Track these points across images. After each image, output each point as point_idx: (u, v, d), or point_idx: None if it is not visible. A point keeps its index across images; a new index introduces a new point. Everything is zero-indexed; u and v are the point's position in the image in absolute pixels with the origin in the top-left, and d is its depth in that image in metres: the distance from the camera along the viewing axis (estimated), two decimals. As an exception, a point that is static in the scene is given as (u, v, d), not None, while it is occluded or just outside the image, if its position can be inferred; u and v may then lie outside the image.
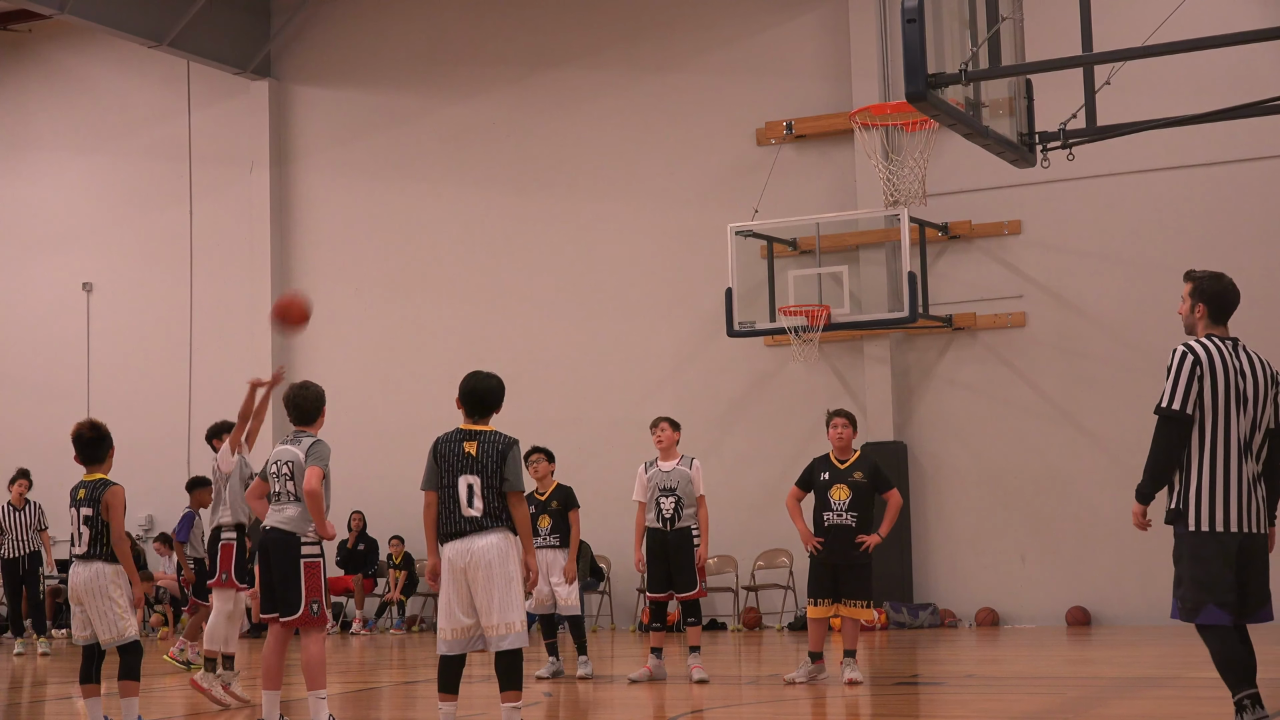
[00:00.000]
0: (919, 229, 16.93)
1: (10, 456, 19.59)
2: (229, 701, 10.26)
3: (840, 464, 11.05)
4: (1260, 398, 6.74)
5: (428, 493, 7.86)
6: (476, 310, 20.14)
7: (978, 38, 9.45)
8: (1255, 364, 6.80)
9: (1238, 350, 6.82)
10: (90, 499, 8.51)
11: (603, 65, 19.69)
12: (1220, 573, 6.61)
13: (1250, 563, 6.67)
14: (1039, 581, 16.97)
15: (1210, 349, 6.73)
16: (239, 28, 21.17)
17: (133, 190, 22.50)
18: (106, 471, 8.66)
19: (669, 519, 11.53)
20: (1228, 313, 6.93)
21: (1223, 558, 6.62)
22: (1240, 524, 6.63)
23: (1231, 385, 6.68)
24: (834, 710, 9.96)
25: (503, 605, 7.66)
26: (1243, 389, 6.70)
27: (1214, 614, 6.64)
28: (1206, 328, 6.90)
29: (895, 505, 11.05)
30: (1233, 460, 6.64)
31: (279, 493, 8.37)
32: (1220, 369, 6.69)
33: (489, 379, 8.02)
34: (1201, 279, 6.95)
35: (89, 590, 8.43)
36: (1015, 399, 17.33)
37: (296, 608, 8.27)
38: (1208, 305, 6.92)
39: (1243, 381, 6.72)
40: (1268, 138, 15.94)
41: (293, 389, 8.61)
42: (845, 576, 10.86)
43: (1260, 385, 6.76)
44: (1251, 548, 6.68)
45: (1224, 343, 6.80)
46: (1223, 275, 6.98)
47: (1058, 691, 10.60)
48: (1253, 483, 6.69)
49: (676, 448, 11.75)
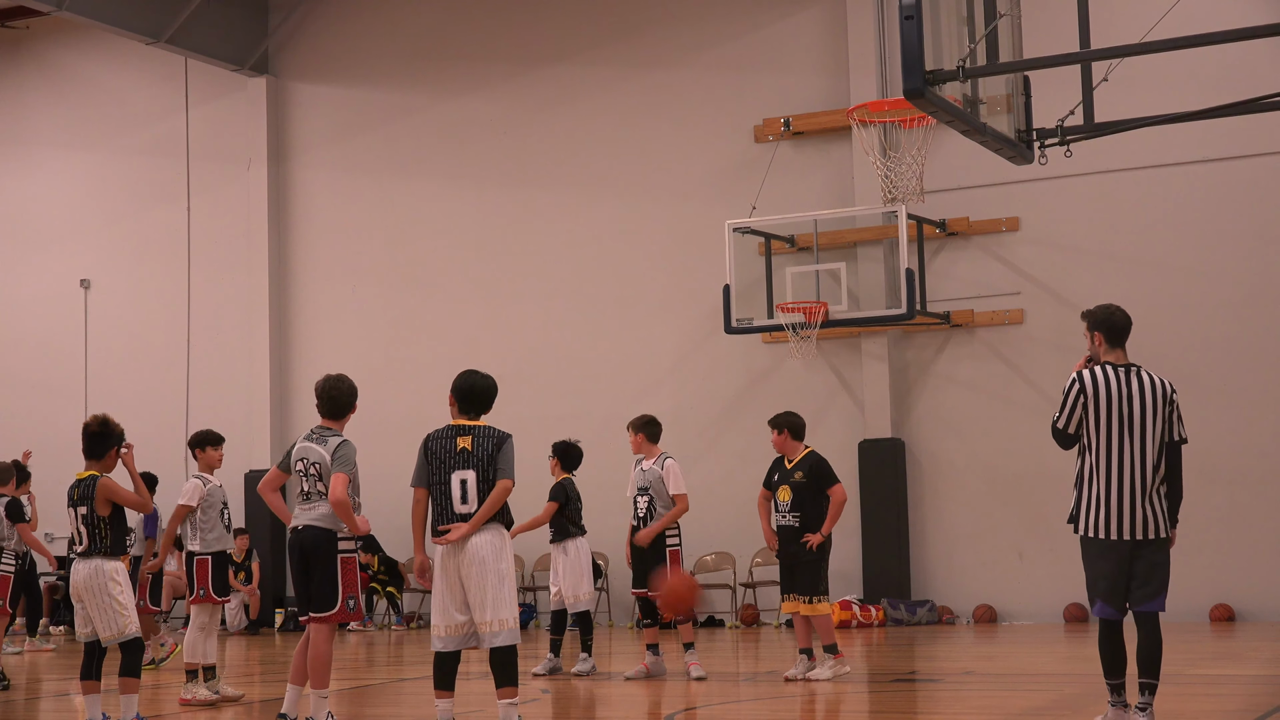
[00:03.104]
0: (917, 226, 16.92)
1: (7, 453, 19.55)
2: (213, 697, 10.43)
3: (788, 465, 11.29)
4: (1153, 416, 7.53)
5: (416, 489, 7.86)
6: (474, 307, 20.12)
7: (975, 34, 9.45)
8: (1146, 386, 7.56)
9: (1129, 376, 7.60)
10: (84, 497, 8.56)
11: (601, 62, 19.67)
12: (1104, 573, 7.54)
13: (1141, 562, 7.55)
14: (1037, 578, 16.97)
15: (1098, 377, 7.59)
16: (237, 24, 21.15)
17: (130, 187, 22.48)
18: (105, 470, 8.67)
19: (642, 518, 11.64)
20: (1120, 336, 7.74)
21: (1108, 561, 7.53)
22: (1131, 532, 7.52)
23: (1115, 409, 7.51)
24: (832, 707, 9.96)
25: (496, 601, 7.67)
26: (1129, 411, 7.51)
27: (1100, 608, 7.59)
28: (1106, 354, 7.72)
29: (837, 501, 11.17)
30: (1124, 476, 7.49)
31: (308, 492, 8.36)
32: (1104, 395, 7.53)
33: (484, 378, 8.05)
34: (1093, 313, 7.84)
35: (89, 587, 8.48)
36: (1013, 396, 17.32)
37: (334, 603, 8.29)
38: (1103, 334, 7.75)
39: (1129, 405, 7.51)
40: (1266, 134, 15.93)
41: (328, 381, 8.54)
42: (792, 574, 11.15)
43: (1151, 405, 7.54)
44: (1141, 553, 7.55)
45: (1117, 369, 7.62)
46: (1109, 305, 7.88)
47: (1056, 688, 10.60)
48: (1146, 493, 7.52)
49: (654, 446, 11.76)
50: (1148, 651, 7.54)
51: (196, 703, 10.32)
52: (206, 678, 10.51)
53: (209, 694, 10.39)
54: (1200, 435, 16.26)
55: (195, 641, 10.47)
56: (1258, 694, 9.83)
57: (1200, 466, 16.07)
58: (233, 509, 12.80)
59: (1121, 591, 7.57)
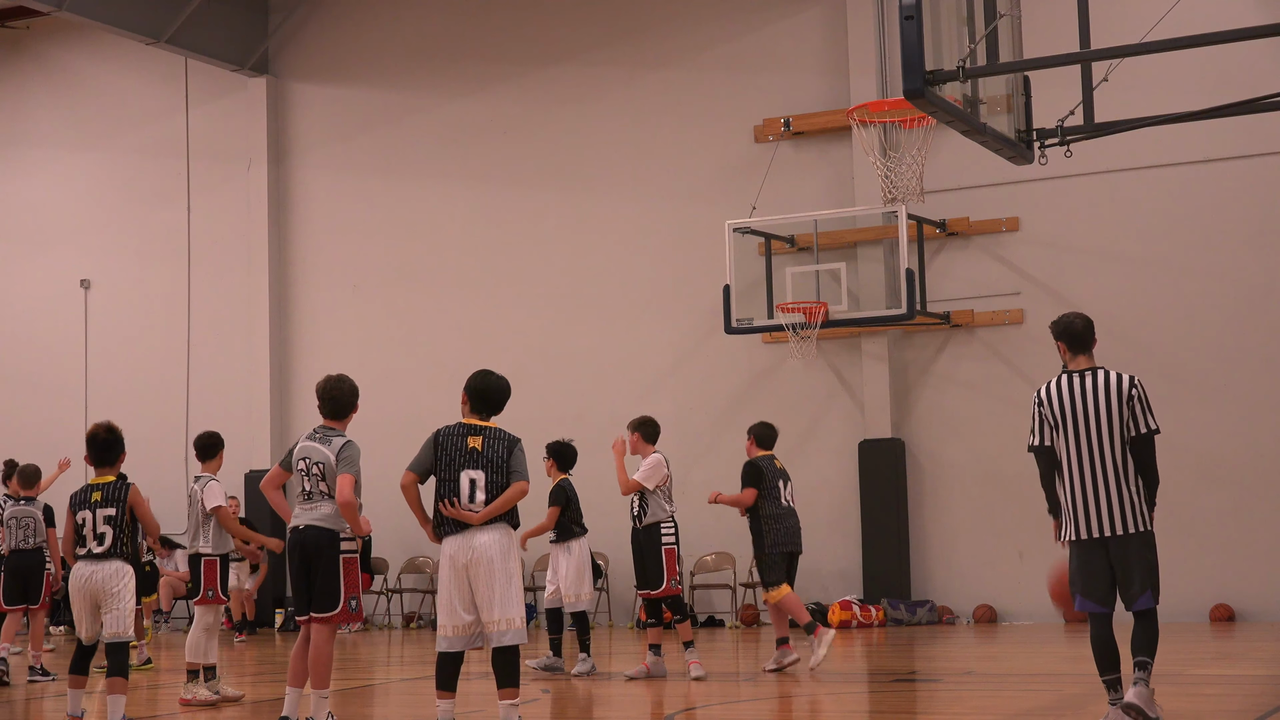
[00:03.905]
0: (917, 226, 16.92)
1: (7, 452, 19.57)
2: (214, 697, 10.45)
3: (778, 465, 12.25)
4: (1112, 414, 7.68)
5: (409, 472, 7.84)
6: (474, 307, 20.13)
7: (976, 34, 9.45)
8: (1101, 386, 7.73)
9: (1084, 379, 7.78)
10: (112, 500, 8.82)
11: (601, 62, 19.68)
12: (1090, 571, 7.72)
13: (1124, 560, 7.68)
14: (1037, 578, 16.81)
15: (1052, 388, 7.82)
16: (237, 24, 21.15)
17: (130, 187, 22.48)
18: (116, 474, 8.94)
19: (636, 516, 11.73)
20: (1081, 343, 7.92)
21: (1091, 560, 7.71)
22: (1111, 528, 7.67)
23: (1071, 413, 7.73)
24: (831, 707, 9.97)
25: (504, 601, 7.68)
26: (1084, 413, 7.71)
27: (1085, 604, 7.77)
28: (1071, 361, 7.92)
29: (738, 500, 11.80)
30: (1093, 475, 7.68)
31: (310, 491, 8.32)
32: (1060, 403, 7.76)
33: (499, 379, 8.07)
34: (1056, 323, 8.03)
35: (107, 588, 8.73)
36: (1013, 396, 17.30)
37: (336, 604, 8.27)
38: (1065, 342, 7.95)
39: (1084, 407, 7.72)
40: (1266, 134, 15.93)
41: (329, 381, 8.52)
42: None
43: (1106, 404, 7.69)
44: (1121, 546, 7.68)
45: (1075, 375, 7.81)
46: (1070, 314, 8.06)
47: (1056, 688, 10.60)
48: (1117, 489, 7.67)
49: (649, 446, 11.81)
50: (1144, 639, 7.69)
51: (197, 703, 10.34)
52: (207, 678, 10.53)
53: (209, 694, 10.41)
54: (1200, 435, 16.35)
55: (198, 642, 10.48)
56: (1258, 694, 9.83)
57: (1200, 466, 16.12)
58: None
59: (1104, 584, 7.73)
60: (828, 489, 17.96)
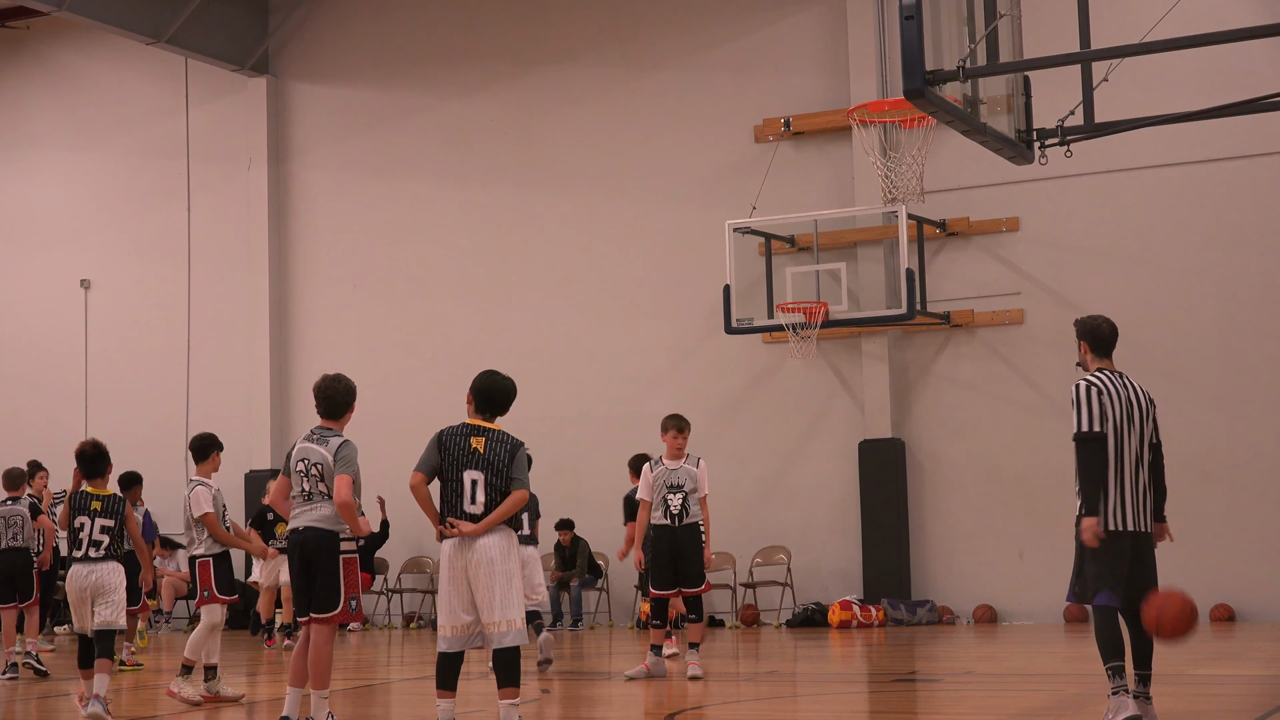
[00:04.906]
0: (917, 226, 16.92)
1: (8, 453, 19.57)
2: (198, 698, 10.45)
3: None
4: (1144, 418, 7.86)
5: (417, 473, 7.83)
6: (474, 307, 20.13)
7: (976, 34, 9.45)
8: (1138, 391, 7.89)
9: (1124, 380, 7.89)
10: (111, 513, 9.84)
11: (601, 62, 19.67)
12: (1114, 565, 7.73)
13: (1139, 558, 7.81)
14: (1037, 578, 16.95)
15: (1104, 379, 7.85)
16: (237, 24, 21.15)
17: (131, 187, 22.48)
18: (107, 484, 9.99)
19: (677, 515, 11.53)
20: (1105, 346, 8.00)
21: (1118, 553, 7.73)
22: (1135, 524, 7.78)
23: (1122, 408, 7.80)
24: (831, 707, 9.96)
25: (504, 602, 7.68)
26: (1132, 412, 7.83)
27: (1105, 597, 7.73)
28: (1094, 362, 7.98)
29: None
30: (1129, 471, 7.77)
31: (309, 492, 8.28)
32: (1112, 395, 7.80)
33: (505, 380, 8.04)
34: (1082, 321, 8.10)
35: (106, 584, 9.66)
36: (1013, 396, 17.32)
37: (336, 604, 8.25)
38: (1088, 343, 8.00)
39: (1128, 407, 7.82)
40: (1266, 134, 15.93)
41: (325, 381, 8.48)
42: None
43: (1143, 407, 7.87)
44: (1140, 544, 7.83)
45: (1112, 374, 7.89)
46: (1097, 316, 8.11)
47: (1056, 688, 10.60)
48: (1144, 489, 7.82)
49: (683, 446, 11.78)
50: (1145, 646, 7.78)
51: (180, 699, 10.37)
52: (207, 677, 10.54)
53: (194, 694, 10.41)
54: (1200, 435, 16.34)
55: (199, 639, 10.48)
56: (1258, 694, 9.83)
57: (1200, 466, 16.11)
58: (232, 509, 12.86)
59: (1123, 579, 7.78)
60: (828, 489, 17.96)
